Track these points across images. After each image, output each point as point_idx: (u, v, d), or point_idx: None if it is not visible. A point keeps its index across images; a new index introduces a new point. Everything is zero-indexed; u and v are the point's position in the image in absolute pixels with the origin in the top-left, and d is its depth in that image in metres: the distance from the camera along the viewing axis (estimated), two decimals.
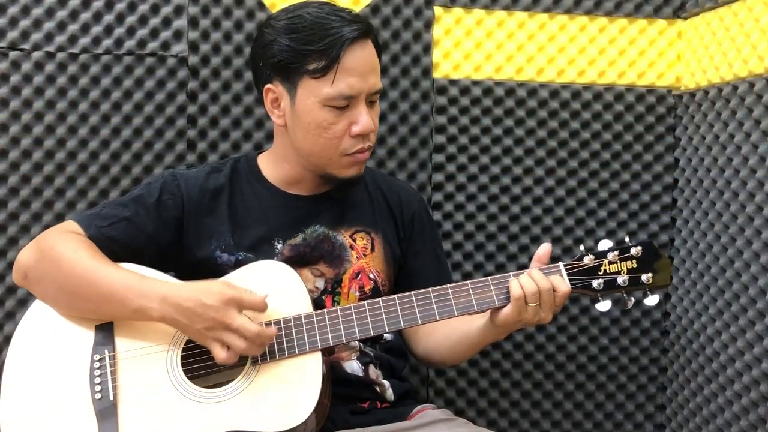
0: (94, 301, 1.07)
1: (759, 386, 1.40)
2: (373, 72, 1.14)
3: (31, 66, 1.48)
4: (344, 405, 1.18)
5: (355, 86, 1.11)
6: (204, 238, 1.20)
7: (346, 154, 1.16)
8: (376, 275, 1.24)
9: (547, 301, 1.06)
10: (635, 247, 1.09)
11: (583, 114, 1.65)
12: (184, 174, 1.25)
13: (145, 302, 1.03)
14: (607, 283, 1.08)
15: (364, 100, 1.13)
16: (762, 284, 1.40)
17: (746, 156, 1.45)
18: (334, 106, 1.11)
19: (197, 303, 1.01)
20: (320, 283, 1.21)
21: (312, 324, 1.07)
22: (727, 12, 1.51)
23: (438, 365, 1.40)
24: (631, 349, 1.69)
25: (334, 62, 1.09)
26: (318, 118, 1.12)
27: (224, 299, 1.00)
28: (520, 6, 1.61)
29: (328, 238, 1.23)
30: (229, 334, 1.00)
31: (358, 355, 1.21)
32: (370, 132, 1.15)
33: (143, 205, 1.19)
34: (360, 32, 1.10)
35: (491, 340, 1.18)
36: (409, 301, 1.09)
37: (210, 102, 1.54)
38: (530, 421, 1.68)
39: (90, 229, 1.15)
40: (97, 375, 1.06)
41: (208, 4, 1.52)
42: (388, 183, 1.35)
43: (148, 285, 1.05)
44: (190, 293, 1.02)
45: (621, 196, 1.67)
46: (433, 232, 1.37)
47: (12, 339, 1.10)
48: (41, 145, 1.50)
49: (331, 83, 1.10)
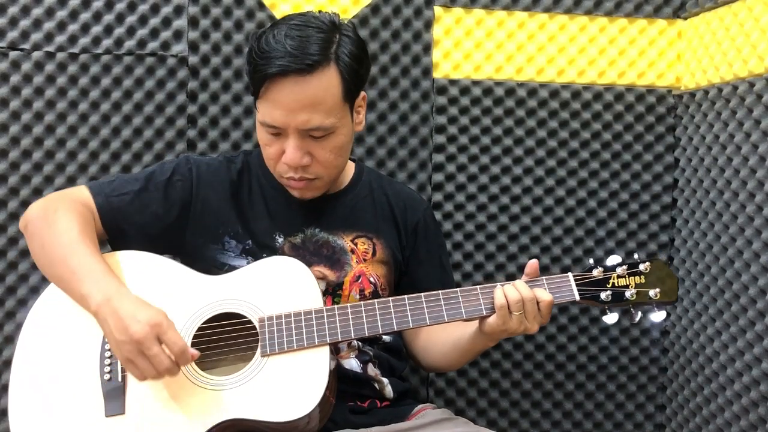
0: (60, 271, 1.10)
1: (759, 386, 1.40)
2: (305, 109, 1.09)
3: (31, 66, 1.48)
4: (344, 403, 1.19)
5: (278, 120, 1.11)
6: (212, 224, 1.23)
7: (282, 176, 1.19)
8: (376, 279, 1.25)
9: (531, 310, 1.09)
10: (644, 263, 1.13)
11: (583, 114, 1.65)
12: (198, 160, 1.28)
13: (93, 292, 1.04)
14: (615, 295, 1.12)
15: (295, 133, 1.12)
16: (762, 284, 1.40)
17: (746, 156, 1.45)
18: (267, 131, 1.14)
19: (128, 315, 1.01)
20: (322, 285, 1.22)
21: (322, 319, 1.09)
22: (727, 12, 1.51)
23: (434, 369, 1.43)
24: (631, 349, 1.69)
25: (256, 92, 1.12)
26: (260, 134, 1.18)
27: (151, 322, 1.00)
28: (520, 6, 1.61)
29: (328, 243, 1.24)
30: (142, 359, 1.00)
31: (356, 353, 1.23)
32: (295, 165, 1.14)
33: (153, 182, 1.22)
34: (285, 69, 1.07)
35: (481, 348, 1.21)
36: (419, 303, 1.12)
37: (210, 102, 1.54)
38: (530, 421, 1.68)
39: (99, 196, 1.19)
40: (107, 357, 1.09)
41: (208, 4, 1.52)
42: (395, 190, 1.36)
43: (106, 281, 1.06)
44: (131, 306, 1.02)
45: (621, 196, 1.67)
46: (438, 241, 1.38)
47: (25, 321, 1.13)
48: (41, 145, 1.50)
49: (260, 109, 1.14)
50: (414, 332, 1.32)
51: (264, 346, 1.08)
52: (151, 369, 1.00)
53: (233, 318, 1.12)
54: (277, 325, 1.09)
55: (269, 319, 1.10)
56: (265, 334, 1.09)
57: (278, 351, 1.08)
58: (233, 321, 1.11)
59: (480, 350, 1.22)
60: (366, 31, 1.56)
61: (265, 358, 1.08)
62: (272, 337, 1.08)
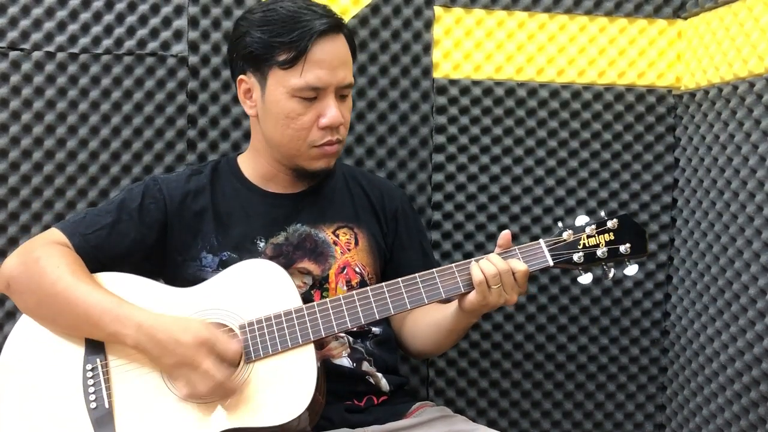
0: (71, 320, 1.08)
1: (759, 386, 1.40)
2: (343, 66, 1.16)
3: (31, 66, 1.48)
4: (340, 402, 1.19)
5: (323, 78, 1.13)
6: (189, 240, 1.22)
7: (314, 146, 1.18)
8: (361, 268, 1.26)
9: (508, 282, 1.09)
10: (611, 220, 1.13)
11: (583, 114, 1.65)
12: (165, 178, 1.26)
13: (120, 328, 1.04)
14: (587, 256, 1.12)
15: (333, 93, 1.16)
16: (762, 284, 1.39)
17: (746, 156, 1.44)
18: (302, 97, 1.14)
19: (170, 338, 1.01)
20: (308, 279, 1.22)
21: (303, 317, 1.09)
22: (727, 12, 1.51)
23: (424, 355, 1.42)
24: (631, 349, 1.69)
25: (302, 54, 1.12)
26: (286, 108, 1.15)
27: (198, 340, 1.00)
28: (520, 6, 1.61)
29: (310, 236, 1.24)
30: (195, 375, 1.01)
31: (348, 351, 1.23)
32: (338, 124, 1.17)
33: (126, 211, 1.20)
34: (329, 26, 1.13)
35: (465, 326, 1.21)
36: (397, 288, 1.11)
37: (210, 102, 1.54)
38: (530, 421, 1.68)
39: (74, 237, 1.16)
40: (90, 385, 1.07)
41: (208, 4, 1.52)
42: (368, 179, 1.37)
43: (125, 311, 1.05)
44: (166, 327, 1.02)
45: (621, 196, 1.67)
46: (417, 225, 1.40)
47: (1, 355, 1.10)
48: (41, 145, 1.50)
49: (300, 74, 1.13)
50: (400, 320, 1.32)
51: (248, 353, 1.07)
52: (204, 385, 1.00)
53: None
54: (259, 330, 1.08)
55: (250, 325, 1.09)
56: (247, 340, 1.08)
57: (263, 355, 1.07)
58: None
59: (464, 328, 1.22)
60: (366, 31, 1.56)
61: (250, 364, 1.07)
62: (255, 342, 1.08)
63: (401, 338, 1.34)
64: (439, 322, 1.23)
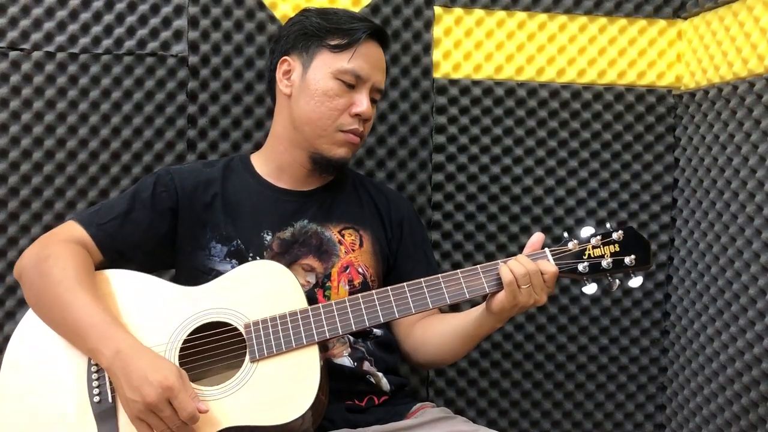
0: (60, 322, 1.09)
1: (759, 386, 1.40)
2: (382, 71, 1.27)
3: (31, 66, 1.48)
4: (341, 402, 1.19)
5: (366, 71, 1.22)
6: (198, 230, 1.23)
7: (341, 130, 1.23)
8: (364, 269, 1.27)
9: (537, 283, 1.09)
10: (616, 231, 1.14)
11: (583, 114, 1.65)
12: (178, 169, 1.29)
13: (101, 347, 1.04)
14: (592, 266, 1.12)
15: (368, 89, 1.24)
16: (762, 284, 1.40)
17: (746, 156, 1.45)
18: (343, 81, 1.21)
19: (141, 376, 1.00)
20: (311, 278, 1.23)
21: (308, 318, 1.09)
22: (727, 12, 1.51)
23: (431, 364, 1.40)
24: (631, 349, 1.69)
25: (355, 42, 1.21)
26: (326, 86, 1.21)
27: (163, 385, 0.99)
28: (520, 6, 1.61)
29: (317, 234, 1.26)
30: (154, 417, 1.00)
31: (349, 351, 1.23)
32: (368, 116, 1.24)
33: (139, 200, 1.23)
34: (381, 32, 1.26)
35: (488, 331, 1.20)
36: (402, 292, 1.12)
37: (210, 102, 1.54)
38: (530, 421, 1.68)
39: (91, 227, 1.19)
40: (95, 379, 1.08)
41: (208, 4, 1.52)
42: (376, 187, 1.40)
43: (111, 332, 1.05)
44: (142, 362, 1.02)
45: (621, 196, 1.67)
46: (422, 235, 1.40)
47: (7, 348, 1.11)
48: (41, 145, 1.50)
49: (348, 59, 1.21)
50: (408, 327, 1.32)
51: (252, 352, 1.08)
52: (161, 426, 1.00)
53: (219, 327, 1.11)
54: (264, 329, 1.09)
55: (255, 324, 1.09)
56: (252, 340, 1.08)
57: (267, 355, 1.07)
58: (219, 330, 1.11)
59: (486, 333, 1.21)
60: None
61: (254, 363, 1.07)
62: (260, 342, 1.08)
63: (407, 346, 1.32)
64: (457, 327, 1.22)
